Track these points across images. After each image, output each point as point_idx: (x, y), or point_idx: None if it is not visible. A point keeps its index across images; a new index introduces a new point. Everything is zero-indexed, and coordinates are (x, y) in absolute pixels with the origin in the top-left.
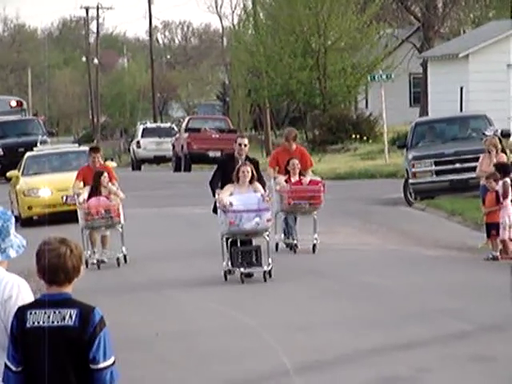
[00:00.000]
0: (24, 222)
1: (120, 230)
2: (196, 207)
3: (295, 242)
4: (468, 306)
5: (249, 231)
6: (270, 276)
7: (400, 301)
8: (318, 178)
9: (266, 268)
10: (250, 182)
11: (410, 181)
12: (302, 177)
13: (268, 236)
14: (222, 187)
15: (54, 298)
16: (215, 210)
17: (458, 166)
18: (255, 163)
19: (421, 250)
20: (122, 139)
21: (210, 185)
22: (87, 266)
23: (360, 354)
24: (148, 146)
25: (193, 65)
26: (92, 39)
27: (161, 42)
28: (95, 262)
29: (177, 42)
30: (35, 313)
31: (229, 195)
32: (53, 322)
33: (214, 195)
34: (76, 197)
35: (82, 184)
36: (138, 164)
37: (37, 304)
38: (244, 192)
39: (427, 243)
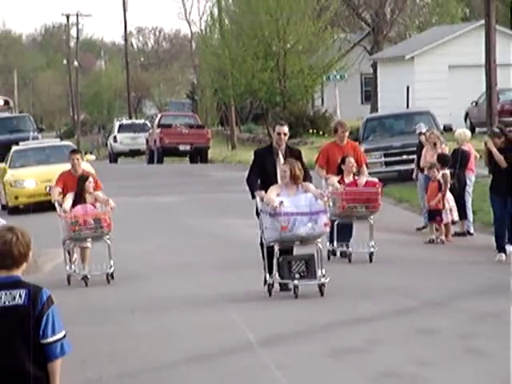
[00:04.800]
0: (11, 211)
1: (108, 241)
2: (167, 196)
3: (350, 250)
4: (414, 283)
5: (303, 237)
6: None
7: (351, 279)
8: (375, 179)
9: (322, 280)
10: (297, 181)
11: None
12: (356, 177)
13: (320, 243)
14: (262, 184)
15: (4, 281)
16: (258, 213)
17: (404, 157)
18: (297, 154)
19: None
20: (100, 134)
21: (247, 182)
22: (69, 283)
23: (315, 328)
24: (124, 141)
25: (164, 66)
26: (72, 43)
27: (135, 45)
28: (82, 278)
29: (150, 45)
30: None
31: (275, 196)
32: (4, 303)
33: (252, 196)
34: (57, 205)
35: (60, 190)
36: (114, 157)
37: None
38: (292, 194)
39: (378, 227)
